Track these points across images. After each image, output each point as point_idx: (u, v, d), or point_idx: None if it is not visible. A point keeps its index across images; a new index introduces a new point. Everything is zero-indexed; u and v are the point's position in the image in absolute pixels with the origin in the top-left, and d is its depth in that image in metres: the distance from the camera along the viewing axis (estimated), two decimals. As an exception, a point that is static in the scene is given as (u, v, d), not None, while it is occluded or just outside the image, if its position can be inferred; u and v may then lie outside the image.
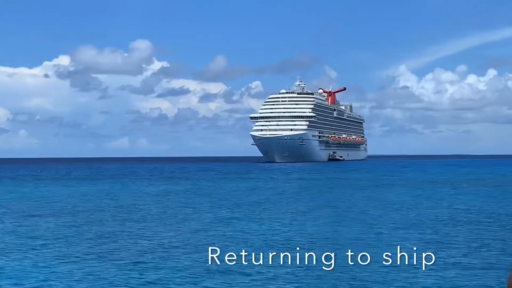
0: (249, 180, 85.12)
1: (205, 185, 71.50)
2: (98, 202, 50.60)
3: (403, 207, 44.49)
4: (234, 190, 62.57)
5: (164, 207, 45.95)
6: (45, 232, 32.28)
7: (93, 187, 71.33)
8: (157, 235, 30.80)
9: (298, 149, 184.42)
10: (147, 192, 63.02)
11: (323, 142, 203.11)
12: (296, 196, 54.29)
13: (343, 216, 38.14)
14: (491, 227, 34.34)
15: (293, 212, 40.50)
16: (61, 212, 43.18)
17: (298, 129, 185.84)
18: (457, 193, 59.12)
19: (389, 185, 70.25)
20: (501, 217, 39.40)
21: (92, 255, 25.73)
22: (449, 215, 40.38)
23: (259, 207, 44.26)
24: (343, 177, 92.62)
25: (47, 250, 26.72)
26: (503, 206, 46.12)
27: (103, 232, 32.40)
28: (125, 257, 25.12)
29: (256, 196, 54.69)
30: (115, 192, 62.29)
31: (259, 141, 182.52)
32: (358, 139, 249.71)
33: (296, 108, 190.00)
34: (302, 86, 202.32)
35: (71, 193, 61.98)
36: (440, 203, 47.20)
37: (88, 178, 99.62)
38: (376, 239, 30.06)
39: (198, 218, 37.79)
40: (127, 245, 27.90)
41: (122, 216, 40.08)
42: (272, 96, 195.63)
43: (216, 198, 53.13)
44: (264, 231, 31.59)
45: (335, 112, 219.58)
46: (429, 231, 32.55)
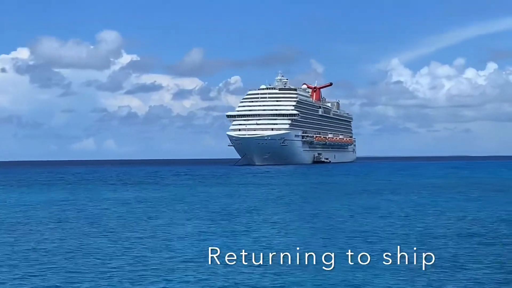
0: (225, 185, 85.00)
1: (180, 192, 71.13)
2: (58, 213, 48.92)
3: (395, 216, 44.28)
4: (211, 197, 62.30)
5: (135, 217, 44.55)
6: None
7: (53, 195, 70.11)
8: (127, 252, 29.10)
9: (280, 151, 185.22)
10: (116, 199, 61.21)
11: (307, 142, 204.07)
12: (278, 204, 54.26)
13: (322, 227, 37.49)
14: (493, 234, 36.43)
15: (275, 222, 39.89)
16: (11, 226, 40.24)
17: (279, 128, 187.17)
18: (456, 199, 60.45)
19: (381, 192, 71.93)
20: (504, 223, 41.44)
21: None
22: (447, 225, 42.17)
23: (241, 216, 43.39)
24: (329, 182, 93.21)
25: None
26: (508, 212, 47.64)
27: (62, 249, 30.45)
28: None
29: (237, 204, 54.64)
30: (79, 200, 61.24)
31: (236, 141, 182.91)
32: (346, 139, 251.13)
33: (277, 106, 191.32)
34: (284, 81, 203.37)
35: (28, 201, 60.68)
36: (438, 212, 47.99)
37: (48, 183, 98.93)
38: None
39: (174, 230, 36.52)
40: (100, 262, 26.85)
41: (86, 229, 37.83)
42: (251, 93, 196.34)
43: (193, 206, 52.67)
44: (247, 244, 31.01)
45: (320, 110, 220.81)
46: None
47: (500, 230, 36.30)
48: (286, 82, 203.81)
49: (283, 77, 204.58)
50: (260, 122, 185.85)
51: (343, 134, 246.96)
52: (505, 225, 38.65)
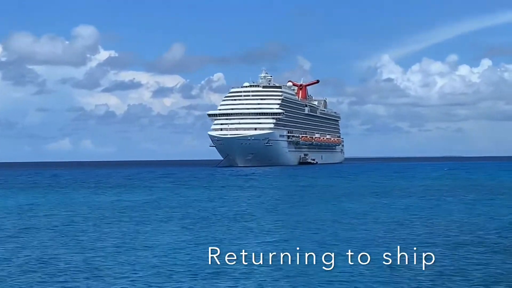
0: (205, 188, 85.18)
1: (158, 196, 70.93)
2: (25, 219, 47.99)
3: (387, 222, 44.17)
4: (189, 201, 62.29)
5: (118, 225, 43.63)
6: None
7: (22, 199, 69.25)
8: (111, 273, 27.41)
9: (264, 151, 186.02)
10: (90, 204, 60.81)
11: (292, 143, 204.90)
12: (260, 208, 54.26)
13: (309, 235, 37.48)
14: (493, 236, 37.81)
15: (256, 230, 38.87)
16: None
17: (263, 128, 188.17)
18: (450, 202, 61.30)
19: (371, 195, 72.98)
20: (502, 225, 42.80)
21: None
22: (446, 227, 43.42)
23: (217, 224, 42.61)
24: (317, 184, 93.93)
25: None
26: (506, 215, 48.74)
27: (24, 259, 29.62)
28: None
29: (216, 208, 54.89)
30: (48, 205, 60.37)
31: (218, 142, 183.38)
32: (334, 139, 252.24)
33: (261, 104, 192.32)
34: (269, 78, 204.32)
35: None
36: (432, 216, 48.28)
37: (18, 187, 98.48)
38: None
39: (157, 240, 35.67)
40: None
41: (63, 239, 36.53)
42: (233, 90, 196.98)
43: (169, 211, 52.43)
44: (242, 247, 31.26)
45: (306, 108, 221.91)
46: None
47: (500, 232, 37.62)
48: (271, 79, 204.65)
49: (268, 74, 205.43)
50: (243, 121, 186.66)
51: (330, 134, 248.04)
52: (504, 228, 40.01)
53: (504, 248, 31.19)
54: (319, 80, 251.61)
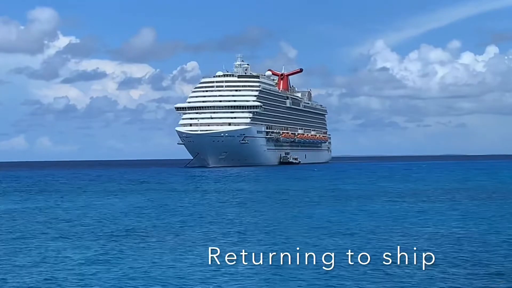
0: (154, 192, 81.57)
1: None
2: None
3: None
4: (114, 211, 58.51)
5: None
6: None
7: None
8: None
9: (239, 150, 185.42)
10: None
11: (272, 140, 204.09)
12: (218, 218, 50.54)
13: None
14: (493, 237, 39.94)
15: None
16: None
17: (238, 123, 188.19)
18: (451, 208, 60.30)
19: (368, 197, 74.47)
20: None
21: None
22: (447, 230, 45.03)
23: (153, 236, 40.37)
24: (300, 188, 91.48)
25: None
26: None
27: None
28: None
29: (149, 219, 51.33)
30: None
31: (187, 139, 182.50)
32: (319, 136, 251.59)
33: (236, 96, 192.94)
34: (245, 67, 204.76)
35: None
36: (432, 225, 47.42)
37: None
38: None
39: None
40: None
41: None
42: (204, 80, 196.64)
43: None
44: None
45: (288, 101, 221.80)
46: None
47: (500, 235, 39.69)
48: (247, 68, 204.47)
49: (244, 62, 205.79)
50: (216, 115, 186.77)
51: (315, 129, 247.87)
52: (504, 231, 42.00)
53: (506, 248, 33.60)
54: (302, 69, 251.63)
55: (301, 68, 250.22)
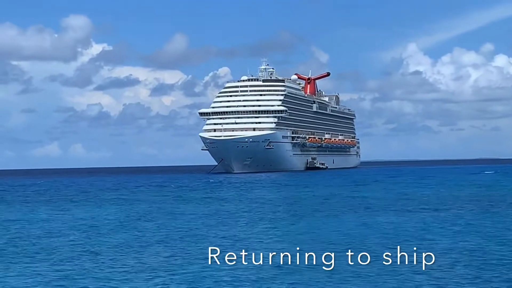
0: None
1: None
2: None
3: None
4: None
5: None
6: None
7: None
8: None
9: (264, 155, 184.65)
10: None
11: (298, 145, 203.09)
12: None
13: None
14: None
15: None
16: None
17: (263, 128, 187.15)
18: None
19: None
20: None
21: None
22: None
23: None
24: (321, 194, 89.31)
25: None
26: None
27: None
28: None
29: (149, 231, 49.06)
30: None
31: (211, 145, 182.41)
32: (347, 141, 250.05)
33: (261, 101, 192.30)
34: (270, 71, 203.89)
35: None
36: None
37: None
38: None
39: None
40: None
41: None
42: (229, 85, 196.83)
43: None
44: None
45: (314, 105, 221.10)
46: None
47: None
48: (273, 72, 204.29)
49: (269, 66, 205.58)
50: (240, 120, 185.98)
51: (343, 134, 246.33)
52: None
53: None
54: (329, 72, 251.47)
55: (328, 72, 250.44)
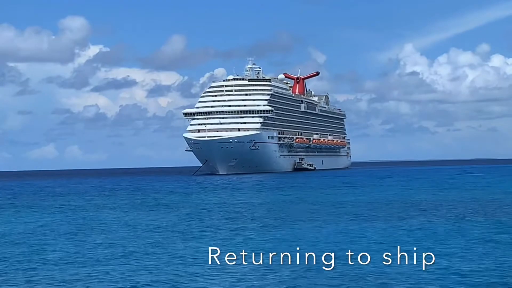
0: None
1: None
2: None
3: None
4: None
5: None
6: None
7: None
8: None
9: (249, 156, 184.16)
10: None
11: (285, 145, 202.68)
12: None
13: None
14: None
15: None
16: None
17: (248, 128, 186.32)
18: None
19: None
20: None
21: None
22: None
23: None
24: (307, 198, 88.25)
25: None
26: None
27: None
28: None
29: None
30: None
31: (194, 145, 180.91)
32: (337, 141, 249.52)
33: (246, 100, 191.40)
34: (256, 70, 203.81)
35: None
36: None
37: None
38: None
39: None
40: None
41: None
42: (214, 85, 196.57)
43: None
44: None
45: (302, 105, 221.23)
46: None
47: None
48: (259, 71, 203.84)
49: (255, 65, 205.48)
50: (225, 120, 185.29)
51: (332, 134, 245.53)
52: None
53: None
54: (319, 72, 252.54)
55: (317, 71, 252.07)
